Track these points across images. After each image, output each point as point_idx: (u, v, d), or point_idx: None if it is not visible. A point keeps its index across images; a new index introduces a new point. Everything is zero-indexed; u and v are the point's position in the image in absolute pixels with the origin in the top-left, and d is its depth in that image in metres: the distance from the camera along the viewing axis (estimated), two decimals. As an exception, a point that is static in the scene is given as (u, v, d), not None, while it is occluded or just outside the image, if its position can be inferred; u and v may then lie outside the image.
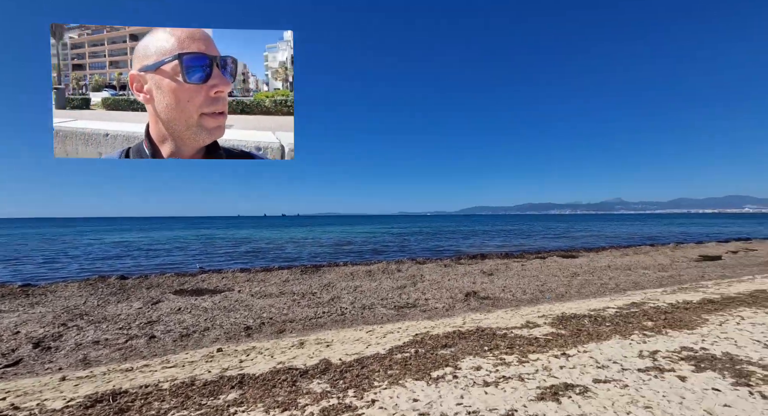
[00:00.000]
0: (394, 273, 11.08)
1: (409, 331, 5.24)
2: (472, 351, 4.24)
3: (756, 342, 4.27)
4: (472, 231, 43.54)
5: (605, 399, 2.94)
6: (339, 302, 7.64)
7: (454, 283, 9.37)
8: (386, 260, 14.63)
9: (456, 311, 6.74)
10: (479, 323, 5.57)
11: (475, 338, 4.74)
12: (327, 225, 75.94)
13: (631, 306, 6.26)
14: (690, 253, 15.45)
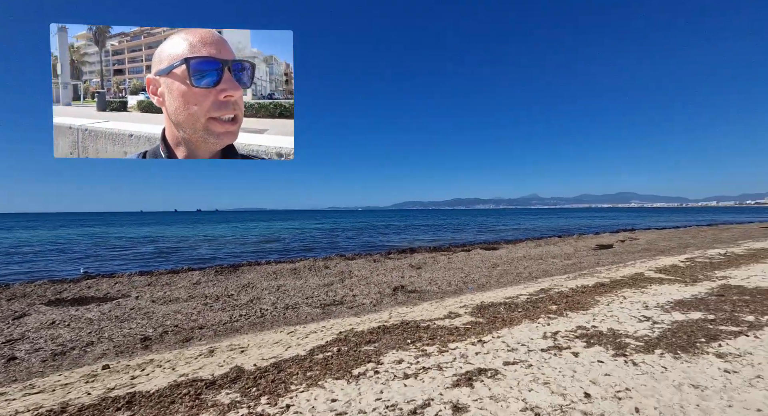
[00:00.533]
0: (322, 271, 10.90)
1: (334, 329, 5.18)
2: (395, 345, 4.36)
3: (633, 317, 5.15)
4: (403, 226, 45.04)
5: (512, 380, 3.26)
6: (259, 303, 7.23)
7: (382, 278, 9.56)
8: (314, 257, 14.33)
9: (383, 306, 6.88)
10: (405, 317, 5.75)
11: (400, 332, 4.88)
12: (250, 221, 71.67)
13: (540, 293, 7.07)
14: (589, 243, 18.09)
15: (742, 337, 4.19)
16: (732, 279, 7.74)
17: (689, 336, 4.25)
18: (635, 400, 2.85)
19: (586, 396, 2.92)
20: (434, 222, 58.46)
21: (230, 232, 34.91)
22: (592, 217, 71.23)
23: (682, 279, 7.96)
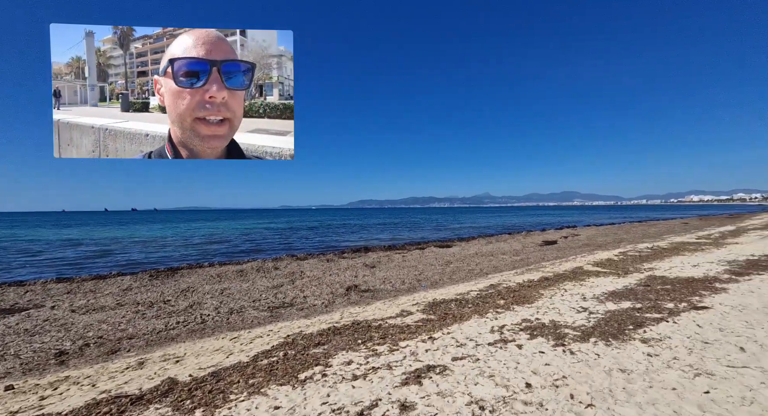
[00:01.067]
0: (271, 272, 10.53)
1: (281, 333, 5.01)
2: (345, 346, 4.31)
3: (572, 309, 5.56)
4: (359, 225, 45.00)
5: (459, 375, 3.36)
6: (199, 308, 6.80)
7: (335, 278, 9.45)
8: (263, 258, 13.80)
9: (335, 307, 6.79)
10: (356, 317, 5.72)
11: (351, 332, 4.84)
12: (194, 221, 67.44)
13: (490, 288, 7.41)
14: (536, 239, 19.33)
15: (663, 323, 4.69)
16: (657, 270, 8.68)
17: (619, 324, 4.67)
18: (570, 387, 3.06)
19: (527, 387, 3.09)
20: (390, 220, 59.09)
21: (170, 233, 32.55)
22: (539, 215, 76.29)
23: (616, 271, 8.77)
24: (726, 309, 5.15)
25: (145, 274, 10.35)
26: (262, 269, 10.87)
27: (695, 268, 8.63)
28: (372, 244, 19.32)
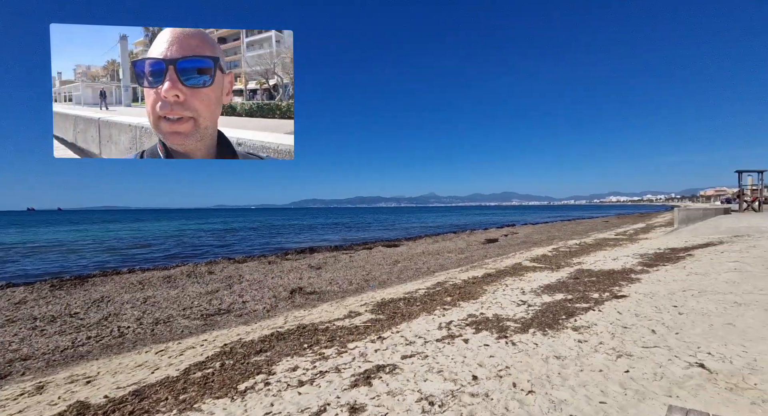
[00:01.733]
0: (204, 277, 9.84)
1: (218, 342, 4.70)
2: (290, 351, 4.17)
3: (512, 302, 5.96)
4: (304, 226, 43.99)
5: (409, 373, 3.42)
6: (117, 320, 6.12)
7: (278, 281, 9.12)
8: (195, 262, 12.85)
9: (278, 311, 6.55)
10: (302, 320, 5.57)
11: (296, 337, 4.70)
12: (111, 222, 60.76)
13: (437, 286, 7.67)
14: (479, 238, 20.45)
15: (590, 312, 5.22)
16: (584, 264, 9.65)
17: (554, 315, 5.11)
18: (513, 376, 3.28)
19: (473, 379, 3.24)
20: (337, 220, 58.57)
21: (80, 236, 28.94)
22: (482, 214, 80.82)
23: (550, 266, 9.59)
24: (640, 297, 5.87)
25: (44, 284, 9.06)
26: (194, 274, 10.11)
27: (615, 261, 9.74)
28: (318, 245, 18.97)
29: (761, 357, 3.29)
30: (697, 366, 3.23)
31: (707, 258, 8.84)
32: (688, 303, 5.22)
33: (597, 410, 2.65)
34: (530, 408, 2.74)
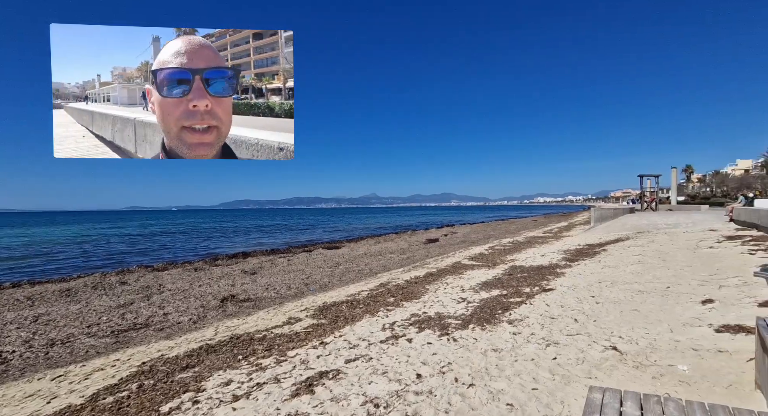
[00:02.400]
0: (115, 288, 8.85)
1: (134, 361, 4.25)
2: (222, 364, 3.92)
3: (453, 300, 6.25)
4: (236, 228, 41.69)
5: (353, 376, 3.42)
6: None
7: (207, 289, 8.52)
8: (103, 272, 11.49)
9: (207, 321, 6.12)
10: (235, 330, 5.28)
11: (229, 348, 4.43)
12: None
13: (380, 287, 7.76)
14: (421, 238, 21.12)
15: (523, 305, 5.68)
16: (517, 261, 10.47)
17: (491, 310, 5.46)
18: (455, 371, 3.44)
19: (418, 377, 3.34)
20: (273, 222, 56.42)
21: (-55, 244, 24.27)
22: (422, 215, 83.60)
23: (487, 264, 10.24)
24: (564, 290, 6.53)
25: None
26: (102, 285, 9.04)
27: (543, 257, 10.71)
28: (253, 249, 18.08)
29: (659, 337, 3.85)
30: (611, 349, 3.68)
31: (617, 253, 10.11)
32: (603, 293, 5.92)
33: (530, 396, 2.89)
34: (471, 400, 2.89)
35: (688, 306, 4.76)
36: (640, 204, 35.36)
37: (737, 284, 5.49)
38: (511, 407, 2.75)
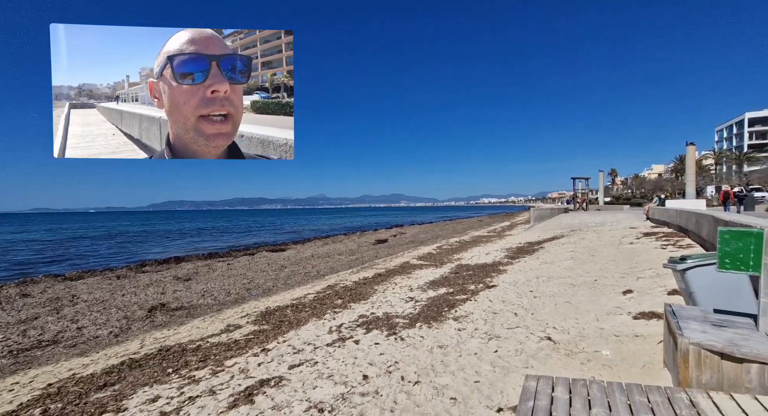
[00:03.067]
0: (14, 301, 7.81)
1: (37, 383, 3.78)
2: (149, 380, 3.62)
3: (401, 300, 6.35)
4: (169, 232, 38.83)
5: (297, 382, 3.33)
6: None
7: (131, 298, 7.82)
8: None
9: (132, 334, 5.62)
10: (165, 341, 4.90)
11: (157, 362, 4.10)
12: None
13: (327, 289, 7.66)
14: (370, 239, 21.20)
15: (468, 302, 5.92)
16: (463, 259, 10.90)
17: (438, 308, 5.63)
18: (401, 370, 3.49)
19: (364, 378, 3.34)
20: (211, 225, 53.37)
21: None
22: (372, 215, 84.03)
23: (435, 263, 10.54)
24: (506, 286, 6.93)
25: None
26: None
27: (487, 256, 11.28)
28: (188, 254, 16.91)
29: (587, 326, 4.23)
30: (546, 340, 3.96)
31: (554, 250, 10.94)
32: (540, 287, 6.36)
33: (473, 389, 3.02)
34: (416, 397, 2.95)
35: (612, 297, 5.27)
36: (573, 204, 38.65)
37: (651, 275, 6.19)
38: (455, 401, 2.85)
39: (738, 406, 1.78)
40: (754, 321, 2.52)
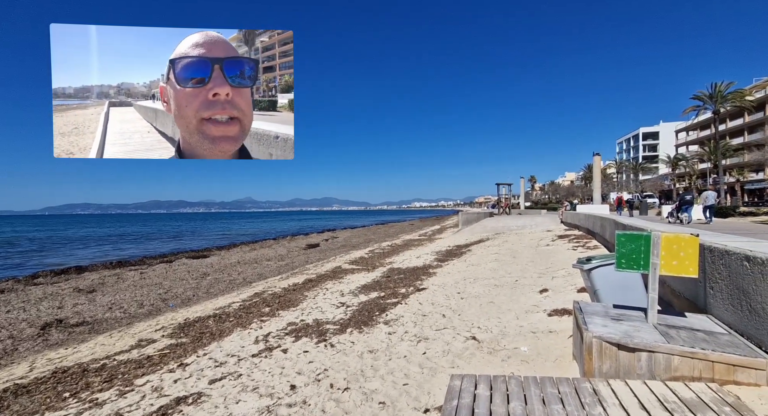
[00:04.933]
0: None
1: None
2: (39, 407, 3.18)
3: (332, 305, 6.33)
4: (67, 238, 34.20)
5: (218, 398, 3.17)
6: None
7: (18, 315, 6.77)
8: None
9: (19, 355, 4.87)
10: (61, 362, 4.33)
11: (50, 386, 3.62)
12: None
13: (254, 297, 7.35)
14: (301, 243, 20.72)
15: (399, 305, 6.10)
16: (395, 263, 11.18)
17: (369, 312, 5.71)
18: (331, 377, 3.49)
19: (291, 389, 3.28)
20: (121, 230, 48.04)
21: None
22: (303, 219, 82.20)
23: (366, 267, 10.66)
24: (435, 288, 7.26)
25: None
26: None
27: (418, 259, 11.70)
28: (91, 262, 15.01)
29: (508, 324, 4.61)
30: (471, 339, 4.24)
31: (480, 252, 11.71)
32: (467, 289, 6.78)
33: (401, 392, 3.13)
34: (345, 404, 2.98)
35: (530, 296, 5.80)
36: (498, 208, 41.70)
37: (564, 275, 6.92)
38: (383, 405, 2.93)
39: (630, 390, 2.04)
40: (645, 314, 2.85)
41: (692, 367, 2.25)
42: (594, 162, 26.63)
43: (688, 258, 2.68)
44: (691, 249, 2.67)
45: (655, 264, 2.75)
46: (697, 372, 2.24)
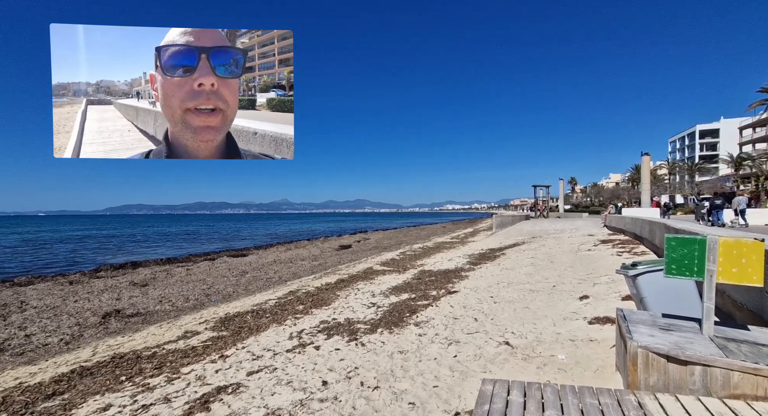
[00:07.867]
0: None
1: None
2: (100, 388, 3.48)
3: (363, 305, 6.42)
4: (124, 236, 36.84)
5: (255, 389, 3.32)
6: None
7: (84, 305, 7.41)
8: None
9: (84, 341, 5.35)
10: (119, 348, 4.71)
11: (110, 369, 3.95)
12: None
13: (289, 295, 7.59)
14: (333, 244, 21.10)
15: (430, 308, 6.09)
16: (426, 265, 11.13)
17: (399, 314, 5.74)
18: (361, 375, 3.56)
19: (323, 384, 3.38)
20: (170, 229, 51.07)
21: None
22: (336, 221, 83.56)
23: (397, 269, 10.69)
24: (467, 291, 7.17)
25: None
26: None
27: (450, 262, 11.58)
28: (144, 258, 16.12)
29: (544, 331, 4.48)
30: (504, 344, 4.16)
31: (514, 256, 11.42)
32: (500, 293, 6.65)
33: (431, 394, 3.14)
34: (375, 403, 3.03)
35: (569, 302, 5.60)
36: (535, 211, 40.36)
37: (607, 281, 6.62)
38: (413, 405, 2.95)
39: (682, 407, 1.87)
40: (699, 324, 2.62)
41: (755, 385, 2.04)
42: (642, 162, 25.05)
43: (751, 265, 2.40)
44: (755, 255, 2.39)
45: (711, 271, 2.49)
46: (762, 391, 2.03)
